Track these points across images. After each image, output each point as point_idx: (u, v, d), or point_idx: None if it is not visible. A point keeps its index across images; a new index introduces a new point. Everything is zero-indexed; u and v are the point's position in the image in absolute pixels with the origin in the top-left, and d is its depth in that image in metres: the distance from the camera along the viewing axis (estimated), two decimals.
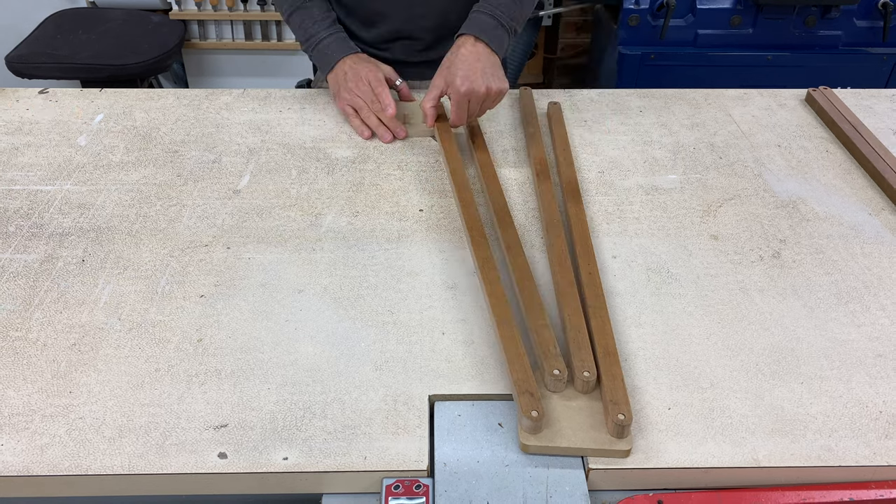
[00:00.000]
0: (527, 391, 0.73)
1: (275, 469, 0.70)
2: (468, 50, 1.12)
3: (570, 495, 0.68)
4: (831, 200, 1.07)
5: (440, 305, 0.88)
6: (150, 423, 0.73)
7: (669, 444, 0.72)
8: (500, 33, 1.16)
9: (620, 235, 0.99)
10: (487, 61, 1.12)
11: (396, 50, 1.33)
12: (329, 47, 1.24)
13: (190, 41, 2.61)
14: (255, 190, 1.07)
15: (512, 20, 1.17)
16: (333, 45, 1.24)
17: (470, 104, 1.12)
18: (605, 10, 2.55)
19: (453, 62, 1.12)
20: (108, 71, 2.18)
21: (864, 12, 2.28)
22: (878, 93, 1.36)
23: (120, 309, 0.86)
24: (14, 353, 0.81)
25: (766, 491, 0.71)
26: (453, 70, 1.11)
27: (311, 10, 1.25)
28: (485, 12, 1.16)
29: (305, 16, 1.25)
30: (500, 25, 1.16)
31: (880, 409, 0.76)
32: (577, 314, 0.83)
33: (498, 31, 1.16)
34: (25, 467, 0.69)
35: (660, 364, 0.81)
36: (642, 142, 1.20)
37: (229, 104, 1.28)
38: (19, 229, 0.99)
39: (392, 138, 1.18)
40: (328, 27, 1.25)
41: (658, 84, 2.28)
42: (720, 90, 1.35)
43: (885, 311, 0.88)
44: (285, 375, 0.79)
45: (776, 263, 0.95)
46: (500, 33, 1.16)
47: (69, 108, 1.26)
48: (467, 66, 1.11)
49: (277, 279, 0.91)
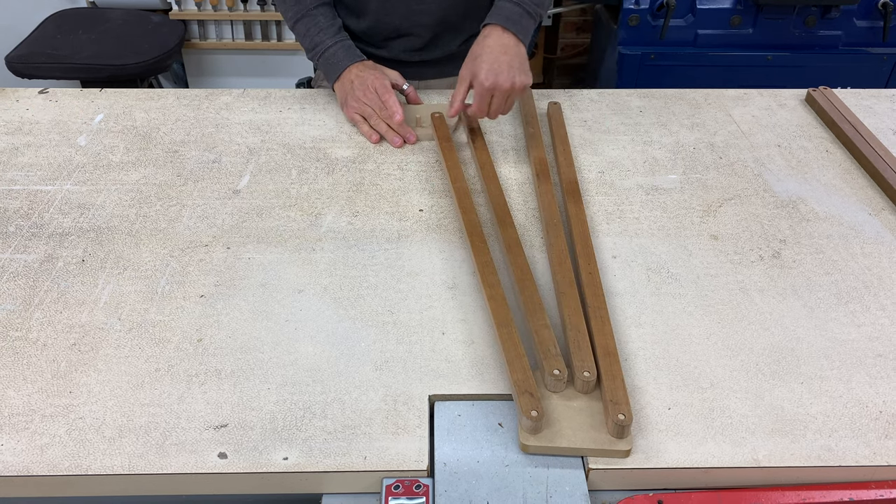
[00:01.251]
0: (527, 391, 0.73)
1: (275, 469, 0.70)
2: (495, 41, 1.10)
3: (570, 495, 0.68)
4: (831, 200, 1.07)
5: (440, 305, 0.88)
6: (150, 423, 0.73)
7: (669, 444, 0.72)
8: (526, 22, 1.14)
9: (620, 235, 0.99)
10: (514, 53, 1.10)
11: (395, 48, 1.32)
12: (335, 55, 1.22)
13: (190, 41, 2.61)
14: (255, 190, 1.07)
15: (538, 6, 1.15)
16: (340, 52, 1.22)
17: (494, 99, 1.10)
18: (605, 10, 2.55)
19: (479, 54, 1.10)
20: (108, 71, 2.18)
21: (864, 12, 2.28)
22: (878, 93, 1.36)
23: (120, 309, 0.86)
24: (14, 353, 0.81)
25: (766, 491, 0.71)
26: (479, 62, 1.09)
27: (316, 17, 1.23)
28: (509, 0, 1.14)
29: (311, 24, 1.24)
30: (525, 13, 1.14)
31: (880, 409, 0.76)
32: (576, 314, 0.83)
33: (524, 19, 1.13)
34: (25, 467, 0.70)
35: (660, 364, 0.81)
36: (642, 142, 1.20)
37: (229, 104, 1.28)
38: (19, 229, 0.99)
39: (402, 143, 1.18)
40: (334, 35, 1.23)
41: (658, 84, 2.28)
42: (720, 90, 1.35)
43: (885, 311, 0.88)
44: (285, 375, 0.79)
45: (776, 263, 0.95)
46: (526, 22, 1.14)
47: (69, 108, 1.26)
48: (493, 57, 1.08)
49: (277, 279, 0.91)
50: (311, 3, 1.23)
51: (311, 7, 1.23)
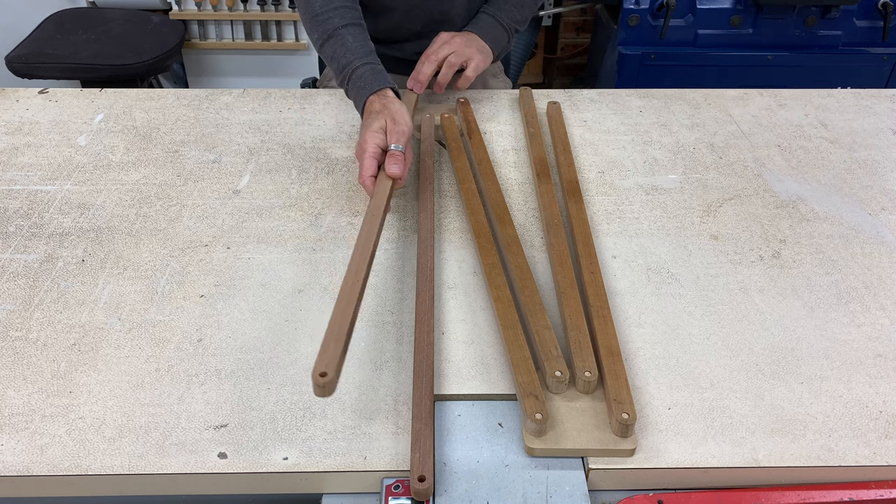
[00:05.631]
0: (531, 394, 0.73)
1: (275, 469, 0.70)
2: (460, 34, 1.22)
3: (570, 495, 0.68)
4: (831, 200, 1.07)
5: (440, 305, 0.88)
6: (150, 423, 0.73)
7: (670, 444, 0.72)
8: (498, 33, 1.27)
9: (620, 235, 0.99)
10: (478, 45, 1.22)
11: (407, 49, 1.31)
12: (362, 78, 1.08)
13: (190, 41, 2.61)
14: (255, 190, 1.07)
15: (513, 21, 1.29)
16: (367, 75, 1.08)
17: (447, 57, 1.18)
18: (605, 10, 2.55)
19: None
20: (108, 71, 2.18)
21: (864, 12, 2.28)
22: (878, 93, 1.36)
23: (120, 309, 0.86)
24: (14, 353, 0.81)
25: (766, 491, 0.71)
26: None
27: (344, 37, 1.10)
28: (486, 13, 1.28)
29: (338, 44, 1.10)
30: (498, 25, 1.27)
31: (880, 409, 0.76)
32: (577, 314, 0.83)
33: (496, 30, 1.27)
34: (25, 467, 0.69)
35: (660, 364, 0.81)
36: (642, 142, 1.20)
37: (229, 104, 1.28)
38: (19, 229, 0.99)
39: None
40: (363, 56, 1.09)
41: (658, 84, 2.29)
42: (720, 90, 1.35)
43: (885, 311, 0.88)
44: (285, 375, 0.79)
45: (776, 263, 0.95)
46: (498, 33, 1.27)
47: (69, 108, 1.26)
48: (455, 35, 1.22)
49: (277, 279, 0.91)
50: (339, 23, 1.11)
51: (340, 26, 1.11)
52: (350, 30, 1.11)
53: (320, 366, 0.66)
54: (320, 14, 1.11)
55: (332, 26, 1.10)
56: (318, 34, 1.12)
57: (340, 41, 1.10)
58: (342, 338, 0.69)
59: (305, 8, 1.13)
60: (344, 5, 1.12)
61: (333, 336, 0.69)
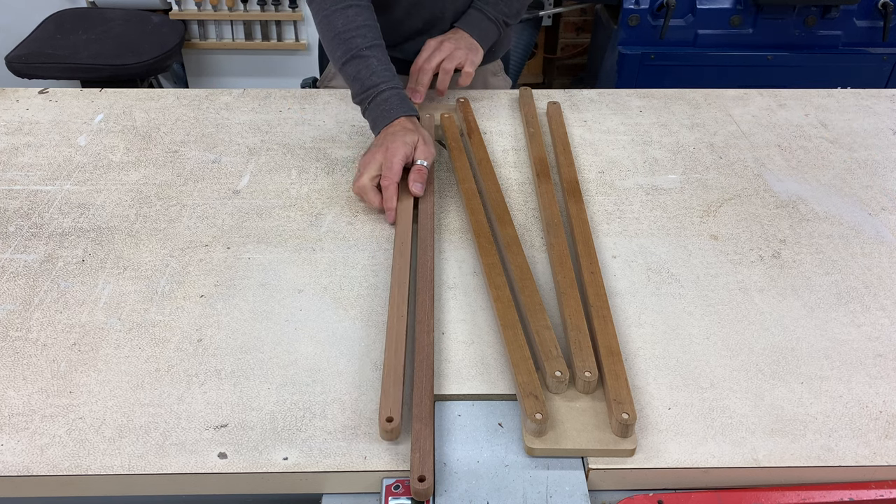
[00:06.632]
0: (531, 394, 0.73)
1: (275, 469, 0.70)
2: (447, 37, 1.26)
3: (570, 495, 0.68)
4: (831, 200, 1.07)
5: (440, 305, 0.88)
6: (150, 423, 0.73)
7: (669, 444, 0.72)
8: (486, 26, 1.29)
9: (620, 235, 0.99)
10: (468, 43, 1.25)
11: (408, 50, 1.31)
12: (388, 101, 1.09)
13: (190, 41, 2.61)
14: (255, 190, 1.07)
15: (502, 14, 1.31)
16: (393, 99, 1.09)
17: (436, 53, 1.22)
18: (605, 10, 2.55)
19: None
20: (108, 71, 2.18)
21: (864, 12, 2.28)
22: (878, 93, 1.36)
23: (120, 309, 0.86)
24: (14, 353, 0.81)
25: (766, 491, 0.71)
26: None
27: (368, 59, 1.10)
28: (475, 7, 1.31)
29: (362, 65, 1.10)
30: (486, 19, 1.30)
31: (880, 409, 0.76)
32: (577, 314, 0.83)
33: (484, 23, 1.29)
34: (25, 467, 0.69)
35: (660, 364, 0.81)
36: (642, 142, 1.20)
37: (229, 104, 1.28)
38: (19, 229, 0.99)
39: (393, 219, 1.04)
40: (389, 80, 1.10)
41: (658, 84, 2.29)
42: (720, 90, 1.35)
43: (885, 311, 0.88)
44: (285, 375, 0.79)
45: (776, 263, 0.95)
46: (486, 26, 1.29)
47: (69, 108, 1.26)
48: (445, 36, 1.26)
49: (277, 279, 0.91)
50: (362, 43, 1.11)
51: (364, 47, 1.10)
52: (374, 52, 1.11)
53: (385, 411, 0.71)
54: (343, 32, 1.11)
55: (356, 46, 1.10)
56: (342, 52, 1.11)
57: (365, 63, 1.10)
58: (399, 379, 0.74)
59: (327, 26, 1.13)
60: (366, 24, 1.12)
61: (391, 379, 0.74)
